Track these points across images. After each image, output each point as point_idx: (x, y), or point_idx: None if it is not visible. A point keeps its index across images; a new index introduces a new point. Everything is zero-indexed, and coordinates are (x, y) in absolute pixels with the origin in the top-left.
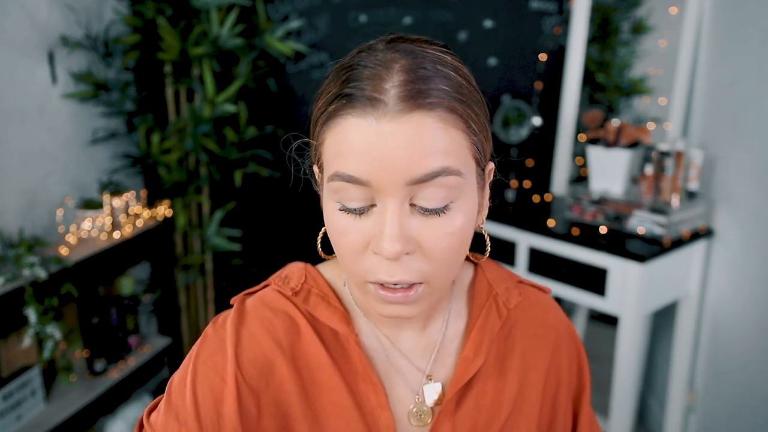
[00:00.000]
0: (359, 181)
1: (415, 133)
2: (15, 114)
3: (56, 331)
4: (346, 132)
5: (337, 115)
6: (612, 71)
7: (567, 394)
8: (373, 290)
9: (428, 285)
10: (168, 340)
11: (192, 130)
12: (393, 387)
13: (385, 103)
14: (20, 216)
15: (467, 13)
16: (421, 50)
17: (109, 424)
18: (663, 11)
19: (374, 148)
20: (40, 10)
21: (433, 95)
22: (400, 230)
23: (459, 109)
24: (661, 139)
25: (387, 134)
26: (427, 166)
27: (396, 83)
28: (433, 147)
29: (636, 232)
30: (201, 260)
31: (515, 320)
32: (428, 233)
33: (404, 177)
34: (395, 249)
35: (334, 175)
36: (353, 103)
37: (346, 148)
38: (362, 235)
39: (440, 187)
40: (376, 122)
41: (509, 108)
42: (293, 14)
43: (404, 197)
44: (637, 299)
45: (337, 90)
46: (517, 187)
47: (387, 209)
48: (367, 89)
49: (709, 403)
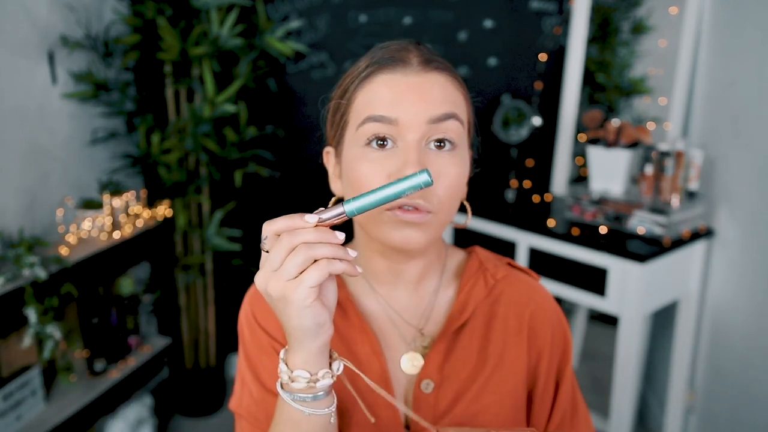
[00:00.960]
0: (388, 119)
1: (434, 85)
2: (15, 114)
3: (56, 331)
4: (377, 86)
5: (370, 76)
6: (612, 71)
7: (549, 365)
8: (390, 216)
9: (435, 215)
10: (168, 340)
11: (192, 130)
12: (388, 338)
13: (411, 63)
14: (20, 216)
15: (467, 13)
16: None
17: (109, 424)
18: (663, 11)
19: (402, 94)
20: (39, 10)
21: (442, 64)
22: (420, 158)
23: (459, 80)
24: (661, 139)
25: (413, 85)
26: (443, 108)
27: (415, 54)
28: (447, 97)
29: (636, 232)
30: (201, 260)
31: (501, 291)
32: (439, 166)
33: (426, 115)
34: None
35: (366, 118)
36: (385, 64)
37: (378, 97)
38: (386, 168)
39: (450, 129)
40: (404, 76)
41: (509, 108)
42: (293, 14)
43: (423, 135)
44: (637, 299)
45: (368, 61)
46: (517, 187)
47: (410, 143)
48: (395, 56)
49: (709, 403)
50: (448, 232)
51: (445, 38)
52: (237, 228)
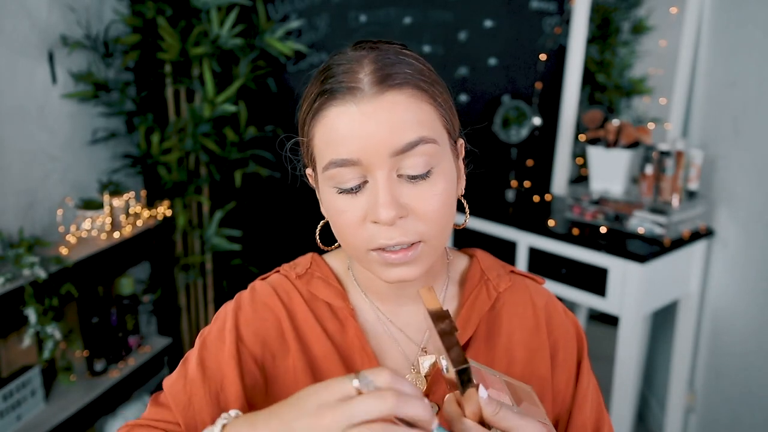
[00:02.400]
0: (351, 161)
1: (391, 110)
2: (15, 114)
3: (56, 331)
4: (331, 122)
5: (322, 109)
6: (612, 71)
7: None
8: (376, 257)
9: (426, 243)
10: (168, 340)
11: (192, 130)
12: (390, 358)
13: (362, 90)
14: (20, 216)
15: (467, 13)
16: (383, 46)
17: (109, 424)
18: (663, 11)
19: (358, 128)
20: (40, 10)
21: (400, 77)
22: (392, 197)
23: (424, 87)
24: (661, 139)
25: (367, 115)
26: (406, 137)
27: (367, 72)
28: (409, 120)
29: (636, 232)
30: (201, 260)
31: (503, 302)
32: (417, 197)
33: (388, 149)
34: (390, 214)
35: (328, 164)
36: (334, 95)
37: (334, 135)
38: (360, 209)
39: (421, 155)
40: (356, 106)
41: (509, 108)
42: (293, 14)
43: (391, 168)
44: (637, 299)
45: (318, 89)
46: (517, 187)
47: (378, 181)
48: (344, 81)
49: (709, 403)
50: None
51: (445, 38)
52: (237, 228)
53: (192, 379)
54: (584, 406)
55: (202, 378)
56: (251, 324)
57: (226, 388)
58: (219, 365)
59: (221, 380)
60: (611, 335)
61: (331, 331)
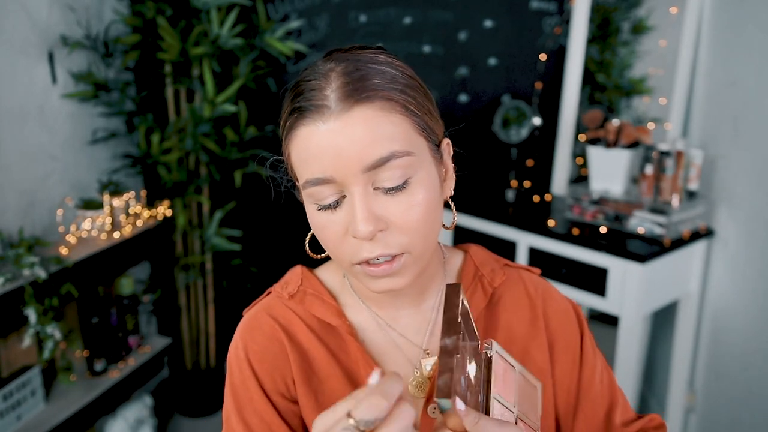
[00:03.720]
0: (325, 180)
1: (360, 125)
2: (15, 114)
3: (56, 331)
4: (302, 141)
5: (293, 128)
6: (612, 71)
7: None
8: (360, 270)
9: (410, 254)
10: (168, 340)
11: (192, 130)
12: (393, 363)
13: (328, 107)
14: (20, 216)
15: (467, 13)
16: (354, 56)
17: (109, 424)
18: (663, 11)
19: (328, 147)
20: (40, 10)
21: (368, 89)
22: (369, 212)
23: (395, 96)
24: (661, 139)
25: (336, 132)
26: (377, 152)
27: (334, 88)
28: (378, 134)
29: (636, 232)
30: (201, 260)
31: (499, 297)
32: (395, 209)
33: (360, 165)
34: (368, 229)
35: (305, 183)
36: (303, 113)
37: (306, 154)
38: (340, 224)
39: (394, 168)
40: (324, 124)
41: (509, 108)
42: (293, 14)
43: (366, 182)
44: (637, 299)
45: (289, 107)
46: (517, 187)
47: (354, 196)
48: (311, 99)
49: (709, 403)
50: (447, 234)
51: (445, 38)
52: (237, 228)
53: None
54: (592, 382)
55: None
56: (264, 363)
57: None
58: (261, 418)
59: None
60: (611, 335)
61: (334, 349)
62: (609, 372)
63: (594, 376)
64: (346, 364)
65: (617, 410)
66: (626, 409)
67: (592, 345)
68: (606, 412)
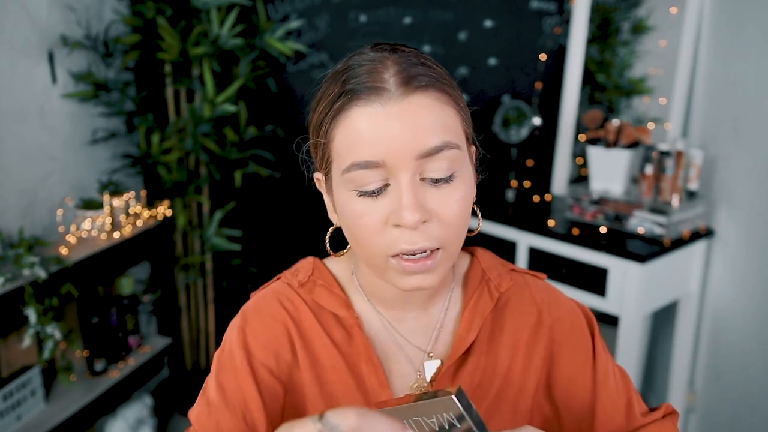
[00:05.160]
0: (374, 163)
1: (417, 112)
2: (15, 114)
3: (56, 331)
4: (355, 123)
5: (344, 110)
6: (612, 71)
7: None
8: (395, 264)
9: (444, 250)
10: (168, 340)
11: (192, 130)
12: (396, 364)
13: (388, 90)
14: (20, 216)
15: (467, 13)
16: (403, 49)
17: (109, 424)
18: (663, 11)
19: (384, 129)
20: (40, 10)
21: (425, 79)
22: (416, 200)
23: (447, 90)
24: (661, 139)
25: (393, 116)
26: (432, 141)
27: (392, 73)
28: (435, 123)
29: (636, 232)
30: (201, 260)
31: (505, 302)
32: (440, 201)
33: (413, 152)
34: (414, 217)
35: (351, 165)
36: (358, 95)
37: (358, 137)
38: (381, 213)
39: (444, 160)
40: (382, 107)
41: (509, 108)
42: (293, 14)
43: (415, 171)
44: (637, 299)
45: (339, 89)
46: (517, 187)
47: (402, 183)
48: (368, 81)
49: (709, 403)
50: None
51: (445, 38)
52: (237, 228)
53: (215, 405)
54: (608, 377)
55: (224, 402)
56: (260, 337)
57: (250, 406)
58: (238, 385)
59: (243, 399)
60: (611, 335)
61: (338, 340)
62: (621, 368)
63: (608, 371)
64: (349, 357)
65: (635, 403)
66: (641, 402)
67: (603, 344)
68: (626, 404)
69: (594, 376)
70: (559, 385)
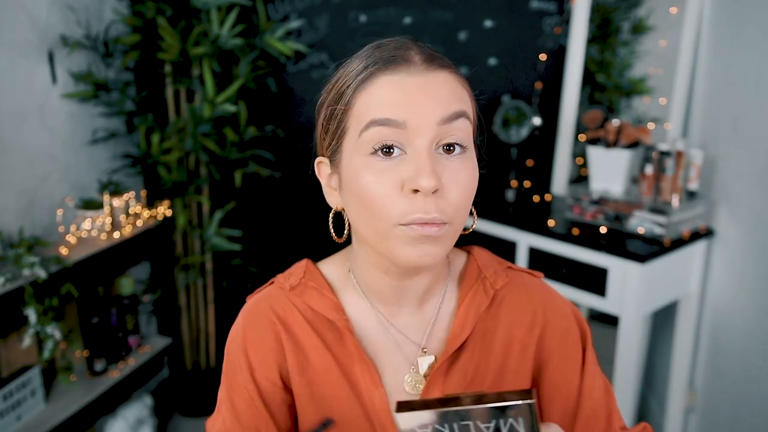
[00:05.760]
0: (396, 122)
1: (441, 84)
2: (15, 114)
3: (56, 331)
4: (380, 89)
5: (370, 77)
6: (612, 71)
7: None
8: (401, 233)
9: (450, 225)
10: (168, 340)
11: (192, 130)
12: (390, 359)
13: (414, 63)
14: (20, 216)
15: (467, 13)
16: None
17: (109, 424)
18: (663, 11)
19: (408, 94)
20: (39, 10)
21: (446, 63)
22: (433, 166)
23: (463, 77)
24: (661, 139)
25: (418, 84)
26: (453, 106)
27: (417, 52)
28: (455, 94)
29: (636, 232)
30: (201, 260)
31: (501, 299)
32: (451, 172)
33: (436, 116)
34: (431, 183)
35: (371, 122)
36: (386, 65)
37: (382, 99)
38: (396, 177)
39: (460, 129)
40: (408, 76)
41: (509, 108)
42: (293, 14)
43: (433, 138)
44: (637, 299)
45: (366, 61)
46: (517, 187)
47: (421, 149)
48: (396, 55)
49: (709, 403)
50: None
51: (445, 38)
52: (237, 228)
53: (231, 427)
54: (594, 385)
55: (239, 425)
56: (259, 352)
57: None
58: (248, 405)
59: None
60: (611, 335)
61: (330, 342)
62: (606, 381)
63: (594, 383)
64: (341, 359)
65: (615, 417)
66: (621, 418)
67: (593, 356)
68: (606, 417)
69: (580, 385)
70: (545, 389)
